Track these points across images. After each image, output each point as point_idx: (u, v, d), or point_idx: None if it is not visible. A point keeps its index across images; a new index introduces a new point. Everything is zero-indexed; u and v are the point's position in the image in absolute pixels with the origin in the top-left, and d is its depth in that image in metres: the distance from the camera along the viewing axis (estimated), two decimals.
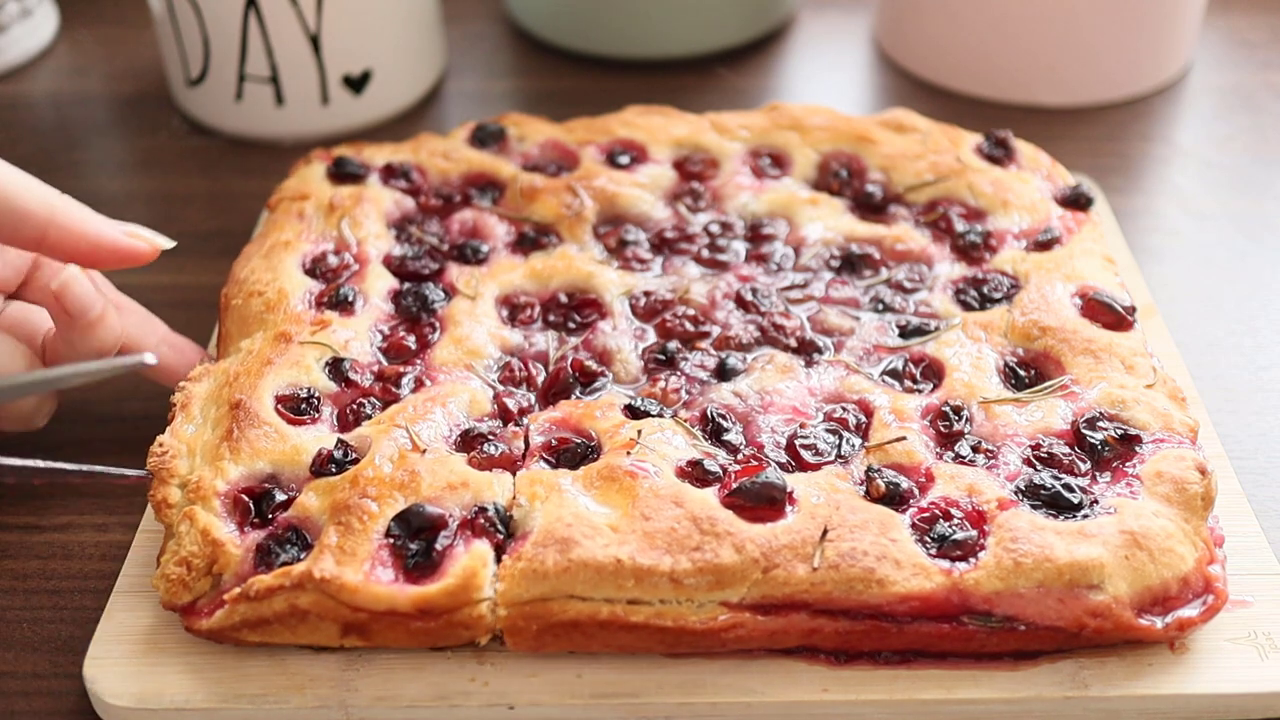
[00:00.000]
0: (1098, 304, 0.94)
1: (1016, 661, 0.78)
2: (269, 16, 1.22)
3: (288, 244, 1.01)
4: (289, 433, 0.85)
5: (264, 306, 0.95)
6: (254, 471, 0.83)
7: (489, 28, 1.53)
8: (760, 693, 0.77)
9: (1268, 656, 0.79)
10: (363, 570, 0.76)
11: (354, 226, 1.03)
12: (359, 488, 0.80)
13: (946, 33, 1.36)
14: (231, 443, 0.84)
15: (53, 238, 0.84)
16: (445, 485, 0.81)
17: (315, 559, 0.77)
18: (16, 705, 0.81)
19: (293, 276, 0.98)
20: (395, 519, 0.79)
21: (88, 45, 1.51)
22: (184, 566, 0.79)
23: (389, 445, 0.83)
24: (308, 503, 0.81)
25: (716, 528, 0.78)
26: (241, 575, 0.79)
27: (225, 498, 0.82)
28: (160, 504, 0.82)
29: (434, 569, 0.77)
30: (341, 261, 1.00)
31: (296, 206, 1.05)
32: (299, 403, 0.88)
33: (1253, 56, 1.45)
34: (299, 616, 0.77)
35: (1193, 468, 0.82)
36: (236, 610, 0.77)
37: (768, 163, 1.12)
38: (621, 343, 0.94)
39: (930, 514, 0.80)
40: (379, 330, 0.95)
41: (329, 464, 0.83)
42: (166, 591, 0.79)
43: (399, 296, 0.98)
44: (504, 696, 0.77)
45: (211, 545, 0.79)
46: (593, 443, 0.86)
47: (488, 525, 0.79)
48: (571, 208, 1.05)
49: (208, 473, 0.83)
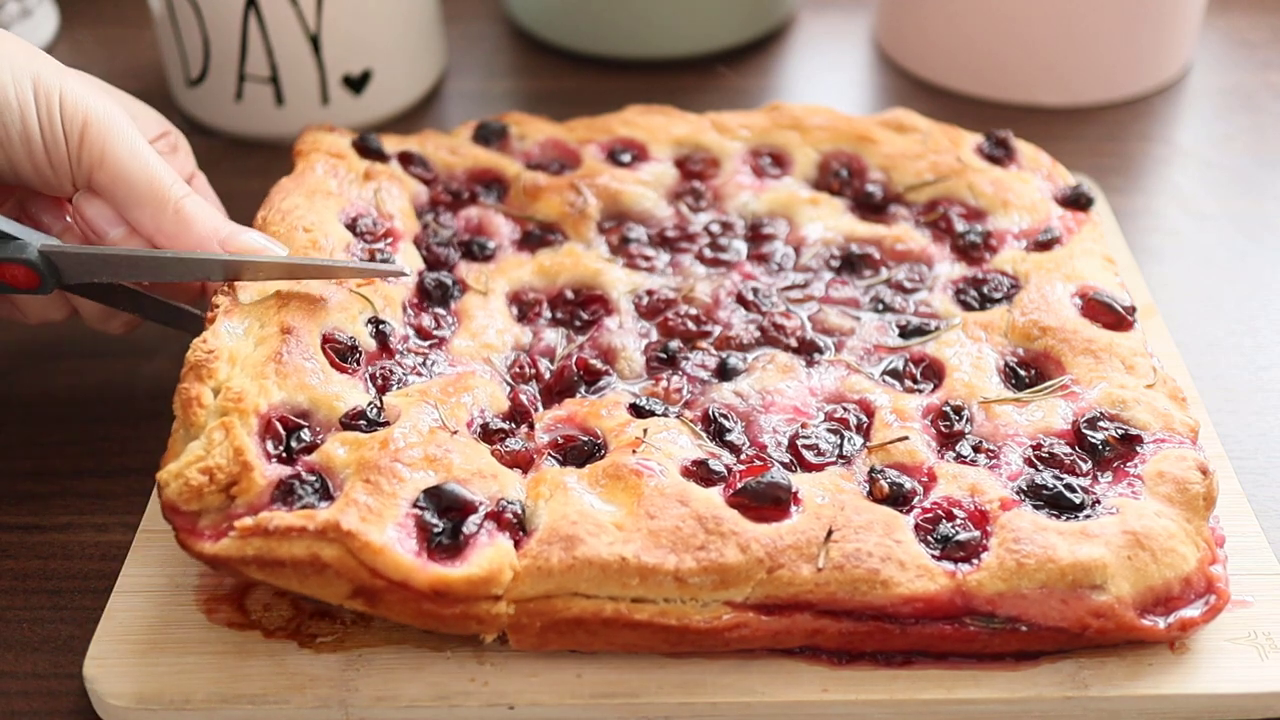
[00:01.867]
0: (1098, 304, 0.94)
1: (1017, 661, 0.78)
2: (269, 16, 1.22)
3: (329, 194, 0.99)
4: (334, 377, 0.84)
5: (310, 244, 0.93)
6: (294, 403, 0.82)
7: (489, 28, 1.53)
8: (760, 693, 0.77)
9: (1268, 656, 0.79)
10: (386, 534, 0.75)
11: (389, 199, 1.02)
12: (389, 451, 0.79)
13: (946, 33, 1.37)
14: (280, 365, 0.82)
15: (159, 240, 0.88)
16: (476, 471, 0.80)
17: (341, 509, 0.76)
18: (16, 705, 0.80)
19: (337, 226, 0.96)
20: (426, 493, 0.78)
21: (88, 45, 1.50)
22: (207, 475, 0.77)
23: (421, 418, 0.82)
24: (334, 452, 0.80)
25: (721, 527, 0.78)
26: (256, 506, 0.77)
27: (262, 419, 0.80)
28: (191, 400, 0.80)
29: (457, 552, 0.76)
30: (380, 228, 0.99)
31: (332, 163, 1.03)
32: (345, 349, 0.87)
33: (1253, 56, 1.45)
34: (316, 567, 0.75)
35: (1194, 468, 0.82)
36: (250, 544, 0.75)
37: (768, 162, 1.12)
38: (626, 341, 0.94)
39: (934, 514, 0.80)
40: (408, 306, 0.94)
41: (360, 419, 0.82)
42: (178, 493, 0.77)
43: (423, 279, 0.97)
44: (504, 696, 0.77)
45: (241, 465, 0.77)
46: (598, 441, 0.86)
47: (513, 520, 0.79)
48: (575, 206, 1.05)
49: (251, 387, 0.81)
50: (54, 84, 0.85)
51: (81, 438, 0.99)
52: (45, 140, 0.85)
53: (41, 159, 0.85)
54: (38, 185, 0.88)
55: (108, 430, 0.99)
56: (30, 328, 0.99)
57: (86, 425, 1.00)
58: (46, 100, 0.84)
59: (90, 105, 0.86)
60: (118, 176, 0.86)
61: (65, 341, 1.07)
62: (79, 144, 0.85)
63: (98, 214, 0.88)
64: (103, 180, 0.86)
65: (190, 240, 0.88)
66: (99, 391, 1.02)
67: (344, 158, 1.05)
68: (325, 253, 0.93)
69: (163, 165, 0.88)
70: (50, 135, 0.85)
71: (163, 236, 0.88)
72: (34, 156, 0.85)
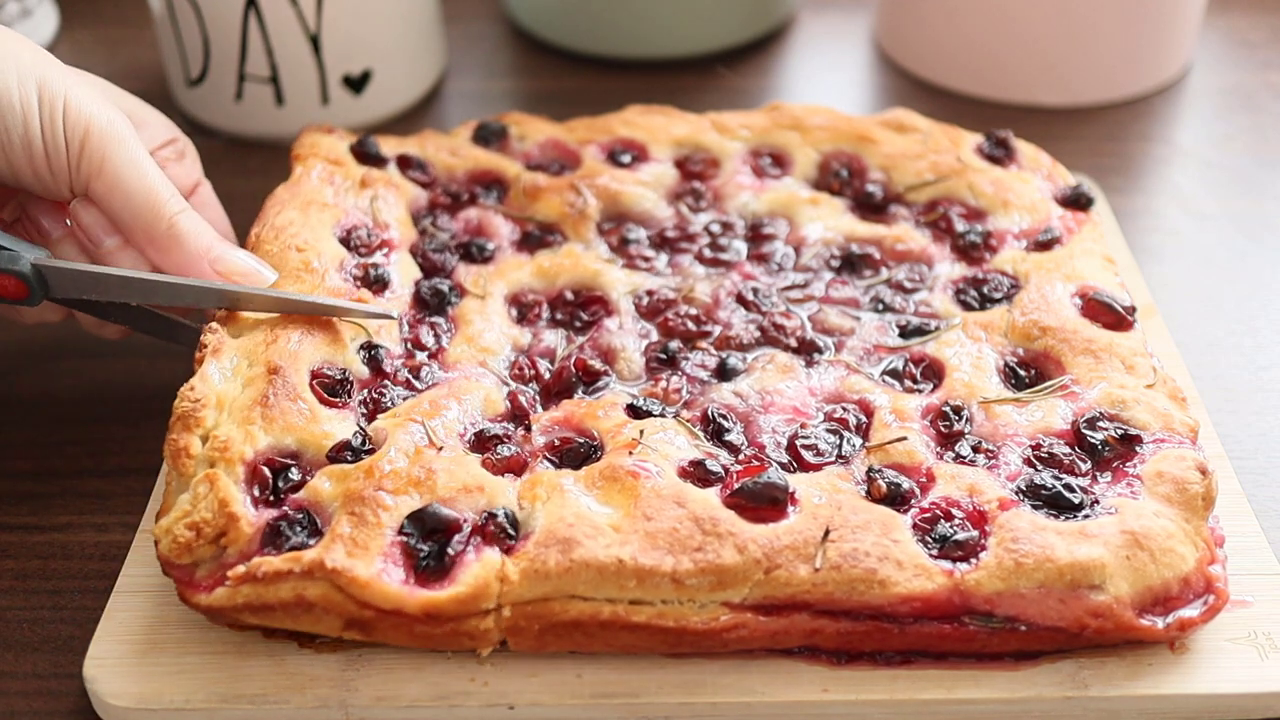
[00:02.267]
0: (1098, 304, 0.94)
1: (1017, 661, 0.78)
2: (269, 16, 1.22)
3: (325, 206, 0.99)
4: (321, 414, 0.84)
5: (302, 265, 0.93)
6: (281, 445, 0.82)
7: (489, 28, 1.53)
8: (760, 693, 0.77)
9: (1268, 656, 0.79)
10: (374, 565, 0.76)
11: (385, 208, 1.02)
12: (374, 479, 0.79)
13: (946, 33, 1.36)
14: (266, 410, 0.82)
15: (149, 254, 0.89)
16: (461, 487, 0.80)
17: (326, 547, 0.76)
18: (16, 705, 0.80)
19: (331, 242, 0.96)
20: (409, 518, 0.78)
21: (88, 45, 1.50)
22: (194, 531, 0.77)
23: (405, 439, 0.82)
24: (320, 487, 0.80)
25: (718, 528, 0.78)
26: (247, 553, 0.77)
27: (248, 466, 0.80)
28: (180, 451, 0.80)
29: (445, 573, 0.77)
30: (375, 239, 0.99)
31: (328, 170, 1.03)
32: (334, 384, 0.87)
33: (1253, 56, 1.45)
34: (304, 607, 0.76)
35: (1193, 468, 0.82)
36: (240, 591, 0.76)
37: (768, 162, 1.12)
38: (625, 341, 0.94)
39: (931, 514, 0.80)
40: (405, 320, 0.95)
41: (345, 451, 0.82)
42: (169, 549, 0.77)
43: (420, 289, 0.98)
44: (504, 696, 0.77)
45: (227, 517, 0.77)
46: (595, 443, 0.86)
47: (498, 531, 0.79)
48: (575, 206, 1.05)
49: (237, 435, 0.81)
50: (59, 89, 0.85)
51: (81, 438, 0.99)
52: (46, 146, 0.85)
53: (41, 164, 0.86)
54: (36, 190, 0.88)
55: (108, 430, 0.99)
56: (30, 328, 1.00)
57: (86, 425, 1.00)
58: (50, 105, 0.85)
59: (94, 113, 0.86)
60: (114, 187, 0.86)
61: (65, 342, 1.07)
62: (79, 152, 0.85)
63: (94, 222, 0.88)
64: (99, 190, 0.86)
65: (180, 257, 0.88)
66: (99, 391, 1.02)
67: (341, 164, 1.05)
68: (318, 275, 0.92)
69: (161, 179, 0.88)
70: (52, 141, 0.85)
71: (154, 250, 0.88)
72: (34, 161, 0.85)
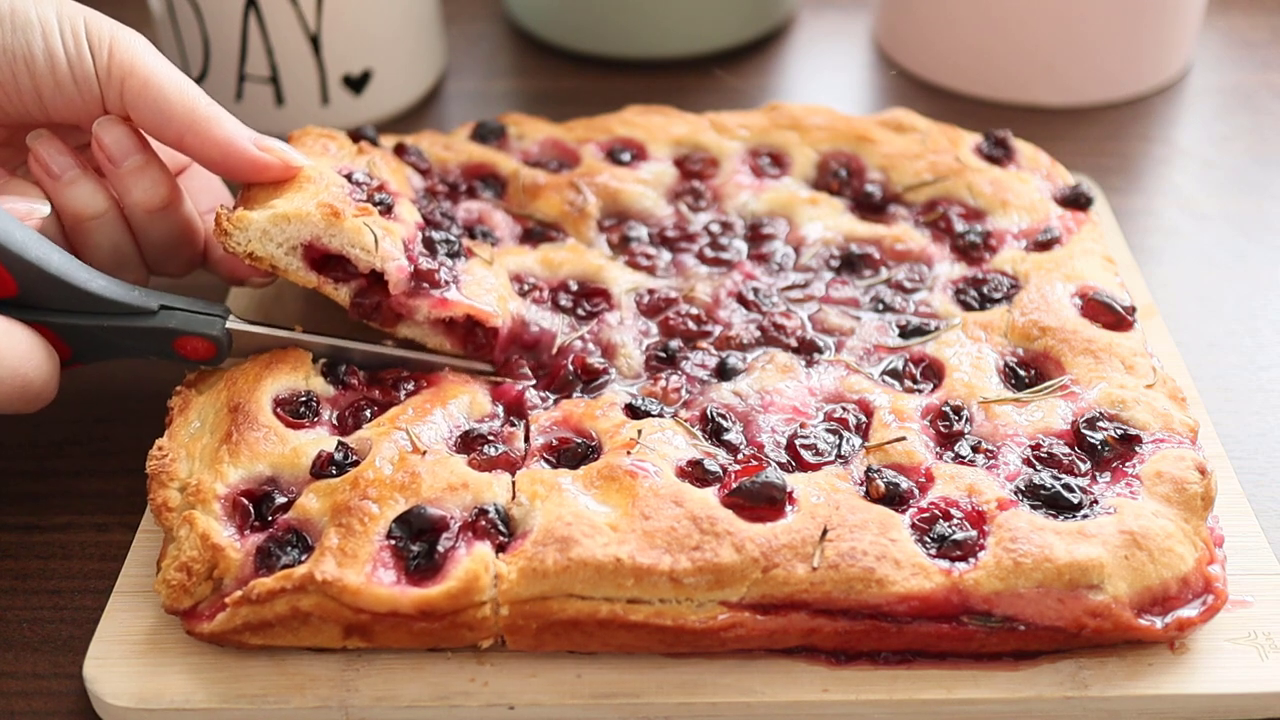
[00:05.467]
0: (1098, 304, 0.94)
1: (1016, 661, 0.78)
2: (269, 16, 1.22)
3: (323, 156, 0.99)
4: (288, 435, 0.85)
5: (305, 177, 0.93)
6: (253, 474, 0.83)
7: (489, 28, 1.53)
8: (760, 693, 0.77)
9: (1268, 656, 0.79)
10: (364, 572, 0.76)
11: (383, 170, 1.01)
12: (359, 489, 0.80)
13: (946, 33, 1.37)
14: (230, 445, 0.84)
15: (189, 142, 0.89)
16: (446, 486, 0.81)
17: (316, 561, 0.77)
18: (16, 705, 0.81)
19: (333, 171, 0.95)
20: (396, 520, 0.79)
21: None
22: (184, 572, 0.79)
23: (389, 447, 0.83)
24: (308, 504, 0.81)
25: (716, 527, 0.78)
26: (243, 579, 0.79)
27: (225, 501, 0.82)
28: (160, 507, 0.82)
29: (436, 571, 0.77)
30: (375, 181, 0.98)
31: (324, 141, 1.02)
32: (298, 406, 0.88)
33: (1253, 56, 1.45)
34: (301, 619, 0.77)
35: (1192, 468, 0.82)
36: (238, 614, 0.77)
37: (767, 162, 1.12)
38: (626, 338, 0.95)
39: (930, 514, 0.80)
40: (409, 244, 0.93)
41: (329, 466, 0.83)
42: (168, 596, 0.79)
43: (426, 232, 0.96)
44: (504, 696, 0.77)
45: (211, 550, 0.79)
46: (593, 443, 0.86)
47: (489, 527, 0.79)
48: (575, 204, 1.05)
49: (207, 476, 0.83)
50: (76, 11, 0.87)
51: (81, 438, 0.99)
52: (69, 57, 0.86)
53: (65, 77, 0.87)
54: (57, 110, 0.89)
55: (108, 430, 0.99)
56: None
57: (86, 425, 1.00)
58: (71, 22, 0.86)
59: (115, 25, 0.88)
60: (150, 80, 0.88)
61: None
62: (108, 57, 0.87)
63: (116, 139, 0.89)
64: (134, 86, 0.87)
65: (222, 134, 0.89)
66: (99, 391, 1.02)
67: (335, 138, 1.04)
68: (321, 184, 0.92)
69: (188, 79, 0.91)
70: (76, 53, 0.86)
71: (194, 136, 0.89)
72: (57, 74, 0.86)
